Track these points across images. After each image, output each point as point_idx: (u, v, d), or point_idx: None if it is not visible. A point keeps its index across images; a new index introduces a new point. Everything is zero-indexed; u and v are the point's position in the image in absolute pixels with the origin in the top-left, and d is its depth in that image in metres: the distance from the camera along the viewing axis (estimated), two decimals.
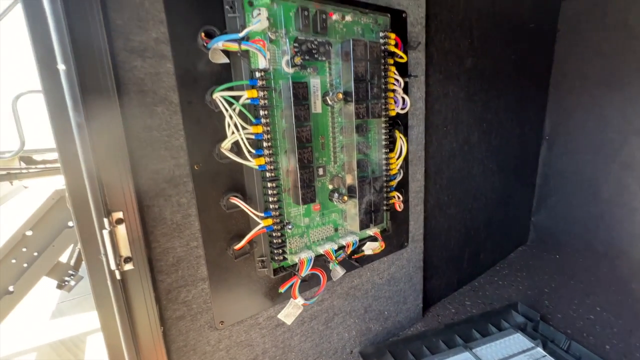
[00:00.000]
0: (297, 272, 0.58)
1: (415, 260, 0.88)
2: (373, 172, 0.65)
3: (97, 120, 0.35)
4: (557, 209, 1.35)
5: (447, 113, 0.91)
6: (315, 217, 0.61)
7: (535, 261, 1.27)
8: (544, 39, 1.24)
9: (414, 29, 0.74)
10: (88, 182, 0.34)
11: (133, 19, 0.41)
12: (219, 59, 0.47)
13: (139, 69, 0.42)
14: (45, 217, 1.44)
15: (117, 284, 0.38)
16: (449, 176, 0.96)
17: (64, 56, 0.31)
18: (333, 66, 0.58)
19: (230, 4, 0.47)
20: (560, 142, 1.30)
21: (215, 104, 0.48)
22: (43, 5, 0.30)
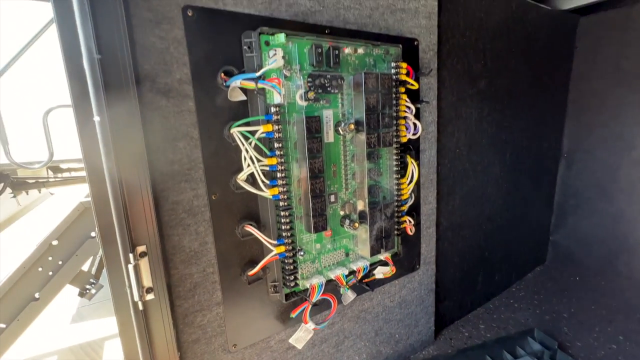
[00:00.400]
0: (308, 298, 0.59)
1: (427, 282, 0.87)
2: (384, 198, 0.66)
3: (125, 161, 0.38)
4: (577, 228, 1.30)
5: (459, 135, 0.91)
6: (327, 243, 0.62)
7: (554, 283, 1.23)
8: (561, 56, 1.22)
9: (425, 55, 0.76)
10: (116, 220, 0.37)
11: (159, 63, 0.44)
12: (237, 96, 0.49)
13: (164, 108, 0.45)
14: (70, 227, 1.51)
15: (139, 314, 0.40)
16: (462, 197, 0.96)
17: (98, 108, 0.34)
18: (345, 97, 0.60)
19: (248, 44, 0.50)
20: (580, 160, 1.27)
21: (233, 138, 0.50)
22: (82, 63, 0.33)
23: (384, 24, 0.67)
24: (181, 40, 0.46)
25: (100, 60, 0.34)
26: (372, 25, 0.66)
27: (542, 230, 1.35)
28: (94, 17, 0.33)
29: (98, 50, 0.33)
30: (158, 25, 0.44)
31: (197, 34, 0.47)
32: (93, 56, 0.33)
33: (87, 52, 0.33)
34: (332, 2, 0.60)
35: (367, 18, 0.65)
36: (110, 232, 0.38)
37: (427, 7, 0.74)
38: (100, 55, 0.34)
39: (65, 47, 0.34)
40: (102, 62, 0.34)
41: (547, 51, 1.14)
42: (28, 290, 1.38)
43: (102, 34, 0.34)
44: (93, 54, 0.33)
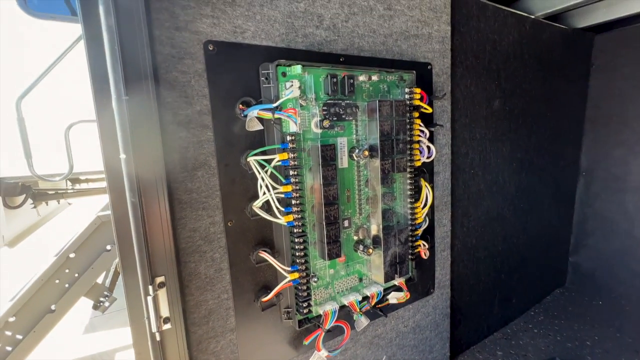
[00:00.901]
0: (321, 325, 0.58)
1: (442, 307, 0.85)
2: (398, 223, 0.65)
3: (148, 192, 0.39)
4: (598, 249, 1.26)
5: (474, 156, 0.90)
6: (340, 269, 0.62)
7: (575, 307, 1.18)
8: (578, 74, 1.21)
9: (439, 79, 0.76)
10: (137, 250, 0.38)
11: (181, 96, 0.46)
12: (254, 126, 0.51)
13: (184, 138, 0.47)
14: (87, 240, 1.55)
15: (156, 344, 0.41)
16: (477, 218, 0.94)
17: (124, 147, 0.36)
18: (360, 123, 0.60)
19: (266, 75, 0.51)
20: (599, 179, 1.24)
21: (249, 166, 0.51)
22: (112, 104, 0.35)
23: (398, 50, 0.68)
24: (202, 73, 0.48)
25: (127, 101, 0.35)
26: (386, 51, 0.67)
27: (561, 251, 1.30)
28: (123, 59, 0.35)
29: (126, 92, 0.35)
30: (181, 60, 0.46)
31: (217, 67, 0.48)
32: (121, 98, 0.35)
33: (116, 94, 0.35)
34: (347, 31, 0.61)
35: (381, 45, 0.66)
36: (131, 263, 0.39)
37: (440, 32, 0.75)
38: (127, 97, 0.35)
39: (97, 91, 0.36)
40: (130, 103, 0.36)
41: (563, 69, 1.13)
42: (45, 302, 1.41)
43: (130, 76, 0.36)
44: (121, 95, 0.35)
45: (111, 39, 0.34)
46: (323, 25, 0.58)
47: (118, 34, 0.34)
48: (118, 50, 0.34)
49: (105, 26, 0.33)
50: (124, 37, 0.35)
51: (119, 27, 0.34)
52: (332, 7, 0.59)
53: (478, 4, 0.85)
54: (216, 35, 0.48)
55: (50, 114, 2.27)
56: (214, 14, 0.48)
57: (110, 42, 0.34)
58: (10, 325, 1.32)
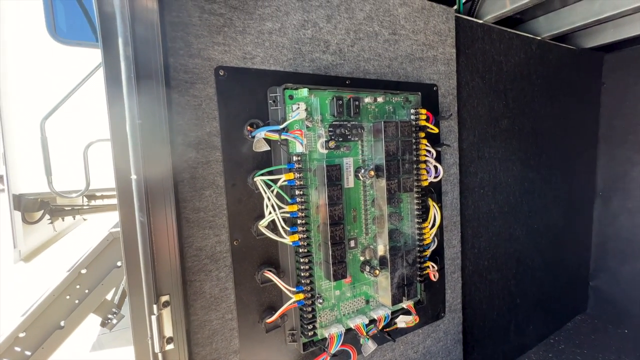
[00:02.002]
0: (326, 349, 0.57)
1: (454, 332, 0.82)
2: (406, 244, 0.64)
3: (158, 215, 0.40)
4: (619, 273, 1.20)
5: (483, 175, 0.89)
6: (346, 290, 0.61)
7: (598, 335, 1.11)
8: (588, 94, 1.20)
9: (445, 99, 0.77)
10: (143, 271, 0.39)
11: (192, 119, 0.48)
12: (261, 147, 0.52)
13: (193, 159, 0.48)
14: (99, 257, 1.58)
15: None
16: (489, 239, 0.92)
17: (136, 168, 0.37)
18: (365, 144, 0.61)
19: (273, 98, 0.53)
20: (617, 198, 1.20)
21: (256, 186, 0.52)
22: (126, 128, 0.37)
23: (403, 72, 0.70)
24: (212, 97, 0.50)
25: (141, 125, 0.37)
26: (392, 74, 0.68)
27: (580, 275, 1.24)
28: (138, 86, 0.37)
29: (139, 116, 0.37)
30: (193, 85, 0.48)
31: (226, 91, 0.51)
32: (135, 122, 0.37)
33: (130, 119, 0.37)
34: (353, 55, 0.63)
35: (387, 68, 0.68)
36: (137, 281, 0.39)
37: (445, 55, 0.76)
38: (141, 121, 0.37)
39: (112, 115, 0.38)
40: (143, 126, 0.38)
41: (573, 89, 1.12)
42: (55, 318, 1.43)
43: (143, 100, 0.38)
44: (135, 119, 0.37)
45: (128, 67, 0.36)
46: (329, 50, 0.60)
47: (134, 62, 0.37)
48: (134, 78, 0.37)
49: (123, 56, 0.36)
50: (140, 65, 0.37)
51: (136, 57, 0.37)
52: (339, 33, 0.61)
53: (483, 27, 0.86)
54: (227, 61, 0.51)
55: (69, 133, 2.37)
56: (225, 42, 0.50)
57: (127, 70, 0.36)
58: (20, 341, 1.33)
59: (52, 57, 2.34)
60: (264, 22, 0.53)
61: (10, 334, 1.30)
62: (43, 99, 2.18)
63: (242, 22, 0.52)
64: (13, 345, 1.32)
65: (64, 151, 2.30)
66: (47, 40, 2.35)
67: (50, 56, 2.34)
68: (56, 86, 2.20)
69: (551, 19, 1.01)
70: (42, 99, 2.19)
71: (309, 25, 0.58)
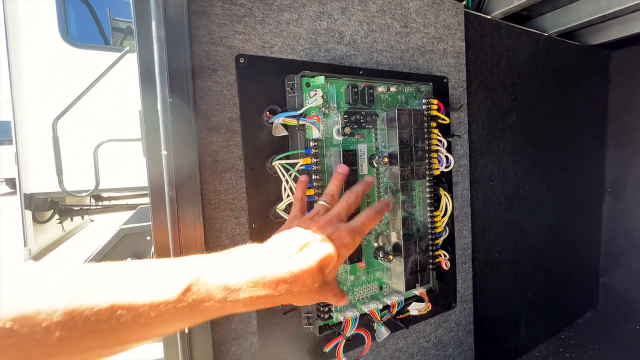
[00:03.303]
0: (342, 332, 0.58)
1: (465, 322, 0.82)
2: (418, 231, 0.65)
3: (184, 193, 0.42)
4: (630, 269, 1.19)
5: (492, 168, 0.90)
6: (361, 275, 0.62)
7: (610, 331, 1.10)
8: (596, 89, 1.20)
9: (455, 92, 0.78)
10: (172, 243, 0.40)
11: (214, 104, 0.50)
12: (279, 132, 0.53)
13: (215, 143, 0.50)
14: (110, 252, 1.59)
15: (184, 337, 0.42)
16: (499, 232, 0.92)
17: (166, 144, 0.39)
18: (379, 132, 0.63)
19: (291, 86, 0.55)
20: (627, 194, 1.19)
21: (274, 170, 0.54)
22: (157, 105, 0.39)
23: (414, 64, 0.71)
24: (233, 83, 0.52)
25: (171, 103, 0.39)
26: (403, 65, 0.70)
27: (590, 271, 1.24)
28: (169, 66, 0.39)
29: (170, 95, 0.39)
30: (215, 72, 0.50)
31: (246, 78, 0.52)
32: (166, 100, 0.39)
33: (161, 97, 0.38)
34: (366, 46, 0.65)
35: (398, 59, 0.69)
36: (165, 254, 0.41)
37: (455, 48, 0.78)
38: (171, 100, 0.39)
39: (144, 93, 0.40)
40: (173, 105, 0.39)
41: (580, 85, 1.13)
42: None
43: (173, 81, 0.40)
44: (166, 97, 0.39)
45: (160, 47, 0.38)
46: (344, 41, 0.62)
47: (166, 44, 0.39)
48: (165, 58, 0.38)
49: (156, 37, 0.38)
50: (170, 47, 0.39)
51: (167, 38, 0.39)
52: (352, 25, 0.63)
53: (491, 23, 0.88)
54: (247, 49, 0.53)
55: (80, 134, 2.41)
56: (246, 31, 0.52)
57: (159, 50, 0.38)
58: None
59: (64, 60, 2.39)
60: (282, 13, 0.55)
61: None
62: (55, 100, 2.23)
63: (261, 12, 0.54)
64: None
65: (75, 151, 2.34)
66: (59, 43, 2.40)
67: (63, 59, 2.39)
68: (68, 88, 2.25)
69: (558, 16, 1.02)
70: (55, 100, 2.23)
71: (324, 17, 0.60)
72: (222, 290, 0.28)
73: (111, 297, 0.24)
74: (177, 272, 0.28)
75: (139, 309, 0.24)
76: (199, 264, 0.30)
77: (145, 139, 0.39)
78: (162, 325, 0.26)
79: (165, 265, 0.29)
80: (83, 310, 0.23)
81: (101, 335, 0.23)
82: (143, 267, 0.28)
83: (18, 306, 0.22)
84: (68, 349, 0.23)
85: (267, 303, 0.31)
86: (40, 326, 0.21)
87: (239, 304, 0.29)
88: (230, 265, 0.31)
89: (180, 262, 0.30)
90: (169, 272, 0.28)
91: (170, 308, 0.25)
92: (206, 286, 0.28)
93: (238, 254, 0.33)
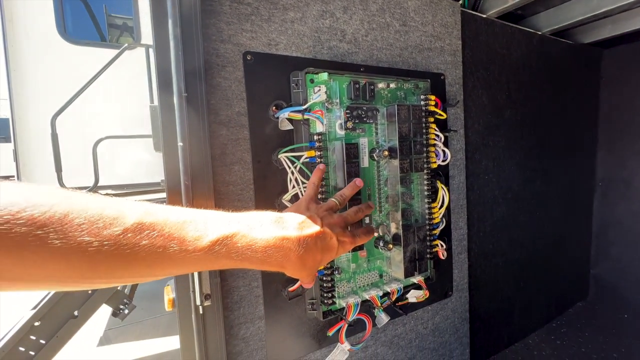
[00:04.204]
0: (344, 317, 0.61)
1: (461, 310, 0.85)
2: (416, 221, 0.68)
3: (197, 182, 0.44)
4: (620, 261, 1.23)
5: (487, 162, 0.93)
6: (362, 263, 0.65)
7: (600, 320, 1.15)
8: (588, 87, 1.24)
9: (452, 88, 0.81)
10: None
11: (223, 99, 0.52)
12: (285, 126, 0.56)
13: (224, 136, 0.53)
14: None
15: (199, 317, 0.44)
16: (493, 224, 0.95)
17: (182, 136, 0.42)
18: (379, 126, 0.65)
19: (296, 82, 0.57)
20: (616, 189, 1.24)
21: (280, 163, 0.56)
22: (173, 99, 0.41)
23: (413, 61, 0.74)
24: (241, 79, 0.54)
25: (186, 97, 0.41)
26: (402, 62, 0.73)
27: (581, 262, 1.28)
28: (185, 62, 0.42)
29: (185, 90, 0.41)
30: (224, 68, 0.52)
31: (253, 74, 0.55)
32: (182, 94, 0.41)
33: (177, 91, 0.41)
34: (367, 45, 0.67)
35: (398, 57, 0.72)
36: None
37: (451, 46, 0.81)
38: (186, 94, 0.41)
39: (161, 90, 0.42)
40: (188, 99, 0.42)
41: (572, 82, 1.17)
42: (69, 308, 1.46)
43: (188, 78, 0.42)
44: (182, 92, 0.41)
45: (176, 45, 0.40)
46: (345, 39, 0.65)
47: (182, 41, 0.41)
48: (181, 55, 0.41)
49: (172, 35, 0.40)
50: (185, 44, 0.42)
51: (182, 36, 0.41)
52: (354, 24, 0.66)
53: (486, 21, 0.91)
54: (254, 46, 0.55)
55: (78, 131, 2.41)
56: (252, 29, 0.55)
57: (175, 48, 0.40)
58: (35, 330, 1.37)
59: (61, 56, 2.38)
60: (287, 12, 0.58)
61: (26, 322, 1.33)
62: (54, 97, 2.23)
63: (267, 11, 0.56)
64: (28, 334, 1.36)
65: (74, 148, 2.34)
66: (57, 39, 2.40)
67: (60, 55, 2.39)
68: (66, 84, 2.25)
69: (551, 15, 1.05)
70: (53, 97, 2.23)
71: (327, 15, 0.62)
72: (242, 251, 0.32)
73: (168, 229, 0.28)
74: (215, 225, 0.32)
75: (185, 247, 0.29)
76: (232, 222, 0.34)
77: (162, 131, 0.41)
78: (191, 264, 0.30)
79: (205, 217, 0.32)
80: (149, 226, 0.27)
81: (149, 256, 0.27)
82: (190, 214, 0.32)
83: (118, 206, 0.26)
84: (120, 260, 0.25)
85: (275, 266, 0.36)
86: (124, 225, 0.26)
87: (254, 263, 0.34)
88: (255, 228, 0.35)
89: (218, 217, 0.34)
90: (208, 224, 0.31)
91: (202, 254, 0.30)
92: (233, 242, 0.32)
93: (263, 218, 0.37)
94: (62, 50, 2.37)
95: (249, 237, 0.33)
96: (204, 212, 0.33)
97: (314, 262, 0.39)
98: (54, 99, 2.18)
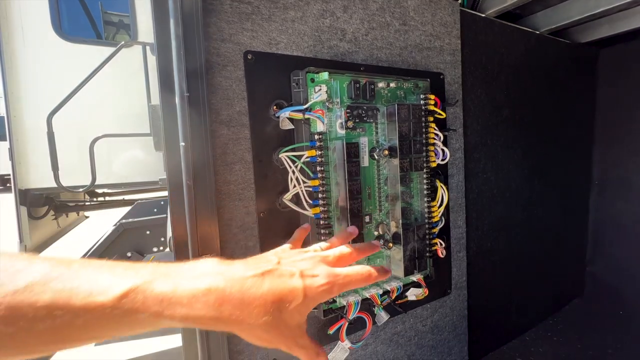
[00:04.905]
0: (345, 315, 0.61)
1: (459, 308, 0.86)
2: (416, 220, 0.69)
3: (199, 182, 0.44)
4: (616, 259, 1.25)
5: (486, 161, 0.94)
6: (362, 262, 0.65)
7: (595, 317, 1.16)
8: (584, 86, 1.25)
9: (451, 87, 0.81)
10: (190, 231, 0.43)
11: (224, 99, 0.52)
12: (286, 125, 0.56)
13: (225, 135, 0.53)
14: (110, 247, 1.60)
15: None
16: (491, 223, 0.96)
17: (184, 136, 0.42)
18: (379, 126, 0.66)
19: (296, 81, 0.57)
20: (612, 187, 1.25)
21: (281, 162, 0.56)
22: (175, 99, 0.41)
23: (412, 60, 0.74)
24: (241, 79, 0.54)
25: (188, 97, 0.41)
26: (402, 62, 0.73)
27: (577, 260, 1.30)
28: (186, 62, 0.42)
29: (187, 89, 0.41)
30: (225, 67, 0.52)
31: (254, 73, 0.55)
32: (184, 94, 0.41)
33: (179, 90, 0.41)
34: (367, 44, 0.68)
35: (397, 56, 0.72)
36: (183, 242, 0.44)
37: (451, 45, 0.81)
38: (188, 94, 0.41)
39: (163, 84, 0.42)
40: (190, 99, 0.42)
41: (570, 81, 1.17)
42: None
43: (190, 78, 0.42)
44: (184, 92, 0.41)
45: (178, 45, 0.40)
46: (346, 38, 0.65)
47: (183, 41, 0.41)
48: (183, 55, 0.41)
49: (174, 35, 0.40)
50: (187, 43, 0.42)
51: (184, 35, 0.41)
52: (354, 23, 0.66)
53: (485, 21, 0.91)
54: (254, 46, 0.55)
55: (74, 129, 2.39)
56: (253, 28, 0.55)
57: (177, 47, 0.40)
58: None
59: (57, 54, 2.36)
60: (287, 11, 0.58)
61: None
62: (50, 95, 2.21)
63: (268, 10, 0.56)
64: None
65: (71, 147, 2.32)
66: (52, 37, 2.37)
67: (56, 53, 2.36)
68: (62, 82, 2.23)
69: (549, 14, 1.06)
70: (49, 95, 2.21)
71: (327, 15, 0.62)
72: (159, 303, 0.26)
73: (51, 296, 0.23)
74: (120, 276, 0.26)
75: (76, 311, 0.24)
76: (145, 271, 0.28)
77: (163, 131, 0.41)
78: (99, 329, 0.25)
79: (111, 268, 0.27)
80: (23, 307, 0.22)
81: (39, 334, 0.23)
82: (90, 267, 0.26)
83: None
84: (5, 344, 0.22)
85: (208, 324, 0.28)
86: None
87: (175, 320, 0.27)
88: (179, 276, 0.28)
89: (128, 267, 0.28)
90: (112, 276, 0.26)
91: (106, 313, 0.25)
92: (144, 295, 0.26)
93: (196, 266, 0.31)
94: (58, 48, 2.34)
95: (165, 289, 0.27)
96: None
97: (258, 330, 0.30)
98: (50, 97, 2.16)
